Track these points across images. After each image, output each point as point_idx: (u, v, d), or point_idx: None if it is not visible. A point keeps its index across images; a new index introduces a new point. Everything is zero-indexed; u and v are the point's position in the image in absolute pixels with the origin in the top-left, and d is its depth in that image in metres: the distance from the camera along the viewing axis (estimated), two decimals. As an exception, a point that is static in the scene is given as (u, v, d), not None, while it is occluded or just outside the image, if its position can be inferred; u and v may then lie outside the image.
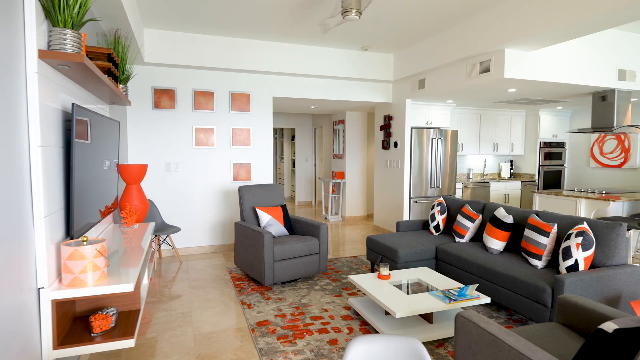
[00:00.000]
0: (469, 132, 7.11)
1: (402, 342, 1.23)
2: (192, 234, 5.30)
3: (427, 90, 5.41)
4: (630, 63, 4.85)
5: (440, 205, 4.41)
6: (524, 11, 3.69)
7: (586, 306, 1.99)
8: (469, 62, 4.61)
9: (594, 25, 3.33)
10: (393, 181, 6.28)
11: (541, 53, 4.32)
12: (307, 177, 10.02)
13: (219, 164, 5.36)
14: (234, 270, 4.51)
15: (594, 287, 2.71)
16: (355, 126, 7.71)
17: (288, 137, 11.11)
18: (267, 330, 2.99)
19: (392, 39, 5.17)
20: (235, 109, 5.37)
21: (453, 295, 2.79)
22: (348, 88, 6.01)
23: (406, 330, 2.77)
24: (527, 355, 1.50)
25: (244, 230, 4.12)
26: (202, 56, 4.94)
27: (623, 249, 2.89)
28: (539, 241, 3.14)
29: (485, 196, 6.95)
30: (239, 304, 3.55)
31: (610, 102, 4.93)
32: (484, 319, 1.78)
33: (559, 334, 1.96)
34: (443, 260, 3.82)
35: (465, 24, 4.46)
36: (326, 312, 3.33)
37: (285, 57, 5.35)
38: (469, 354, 1.80)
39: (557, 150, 7.40)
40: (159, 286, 4.05)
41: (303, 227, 4.37)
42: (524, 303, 2.92)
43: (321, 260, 4.13)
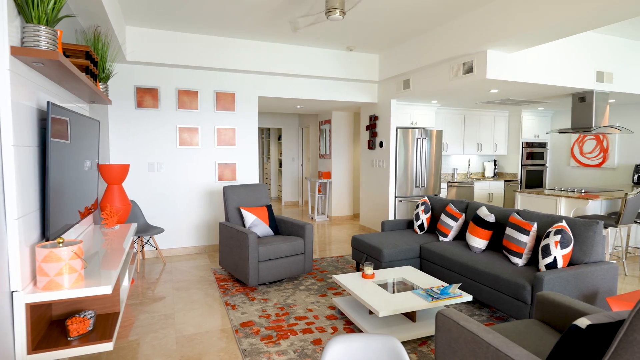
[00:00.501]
0: (453, 132, 7.19)
1: (381, 341, 1.24)
2: (176, 235, 5.24)
3: (412, 90, 5.45)
4: (607, 65, 4.97)
5: (424, 204, 4.45)
6: (505, 13, 3.75)
7: (563, 303, 2.03)
8: (453, 63, 4.66)
9: (573, 27, 3.40)
10: (379, 181, 6.31)
11: (522, 54, 4.40)
12: (294, 177, 9.99)
13: (204, 164, 5.30)
14: (219, 271, 4.47)
15: (572, 284, 2.77)
16: (341, 126, 7.73)
17: (275, 137, 11.07)
18: (251, 331, 2.97)
19: (377, 40, 5.20)
20: (220, 108, 5.32)
21: (436, 293, 2.81)
22: (334, 88, 6.02)
23: (390, 329, 2.78)
24: (504, 351, 1.52)
25: (228, 230, 4.09)
26: (186, 55, 4.88)
27: (600, 246, 2.96)
28: (519, 239, 3.20)
29: (469, 195, 7.04)
30: (223, 305, 3.51)
31: (589, 103, 5.05)
32: (464, 316, 1.80)
33: (537, 330, 2.00)
34: (427, 259, 3.86)
35: (448, 25, 4.51)
36: (311, 312, 3.33)
37: (270, 57, 5.32)
38: (449, 352, 1.82)
39: (539, 150, 7.54)
40: (142, 288, 3.98)
41: (288, 227, 4.35)
42: (505, 300, 2.97)
43: (306, 260, 4.12)
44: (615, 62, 5.04)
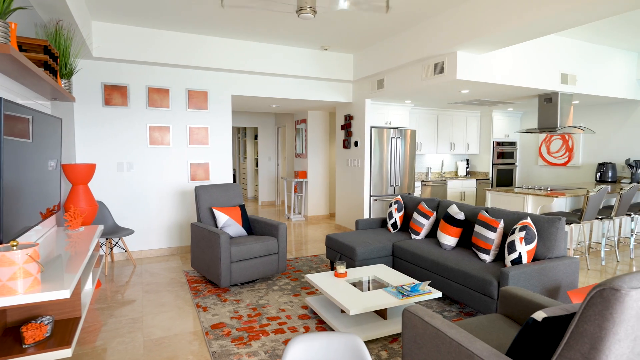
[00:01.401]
0: (427, 132, 7.31)
1: (342, 340, 1.24)
2: (147, 236, 5.10)
3: (386, 90, 5.51)
4: (571, 67, 5.16)
5: (397, 203, 4.50)
6: (474, 16, 3.84)
7: (525, 297, 2.09)
8: (424, 64, 4.74)
9: (537, 30, 3.51)
10: (354, 180, 6.34)
11: (491, 56, 4.51)
12: (271, 177, 9.93)
13: (176, 164, 5.19)
14: (191, 273, 4.39)
15: (536, 279, 2.86)
16: (317, 125, 7.73)
17: (251, 136, 10.97)
18: (222, 333, 2.92)
19: (352, 39, 5.22)
20: (192, 106, 5.22)
21: (406, 291, 2.85)
22: (309, 87, 6.01)
23: (361, 327, 2.80)
24: (466, 346, 1.55)
25: (200, 231, 4.01)
26: (157, 52, 4.77)
27: (562, 241, 3.07)
28: (487, 236, 3.28)
29: (443, 194, 7.17)
30: (194, 307, 3.45)
31: (554, 104, 5.23)
32: (429, 313, 1.83)
33: (500, 324, 2.05)
34: (399, 257, 3.90)
35: (420, 26, 4.58)
36: (283, 312, 3.31)
37: (244, 55, 5.26)
38: (415, 348, 1.84)
39: (509, 150, 7.77)
40: (110, 291, 3.86)
41: (262, 227, 4.32)
42: (473, 296, 3.04)
43: (280, 260, 4.10)
44: (578, 65, 5.24)
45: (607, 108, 6.44)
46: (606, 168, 6.19)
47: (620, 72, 5.66)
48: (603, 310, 1.19)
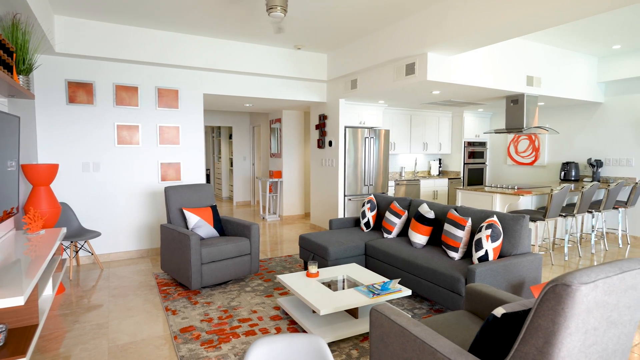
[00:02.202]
0: (400, 131, 7.41)
1: (304, 341, 1.23)
2: (116, 239, 4.95)
3: (359, 90, 5.54)
4: (536, 70, 5.35)
5: (370, 202, 4.54)
6: (443, 18, 3.92)
7: (489, 293, 2.14)
8: (396, 64, 4.80)
9: (504, 33, 3.61)
10: (328, 180, 6.36)
11: (460, 58, 4.61)
12: (246, 177, 9.83)
13: (145, 164, 5.05)
14: (161, 276, 4.28)
15: (501, 275, 2.94)
16: (292, 125, 7.70)
17: (225, 135, 10.82)
18: (191, 337, 2.86)
19: (325, 39, 5.23)
20: (162, 105, 5.10)
21: (377, 289, 2.87)
22: (282, 87, 5.98)
23: (332, 326, 2.80)
24: (430, 343, 1.58)
25: (169, 232, 3.92)
26: (124, 48, 4.62)
27: (526, 239, 3.17)
28: (455, 234, 3.35)
29: (416, 193, 7.29)
30: (163, 310, 3.37)
31: (521, 106, 5.41)
32: (396, 311, 1.85)
33: (465, 321, 2.10)
34: (372, 256, 3.94)
35: (392, 27, 4.63)
36: (255, 313, 3.28)
37: (216, 53, 5.18)
38: (382, 346, 1.86)
39: (479, 150, 7.98)
40: (74, 297, 3.72)
41: (234, 227, 4.26)
42: (442, 293, 3.10)
43: (253, 260, 4.06)
44: (543, 68, 5.44)
45: (570, 110, 6.72)
46: (570, 167, 6.45)
47: (582, 75, 5.91)
48: (555, 305, 1.24)
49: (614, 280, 1.30)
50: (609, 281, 1.29)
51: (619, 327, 1.40)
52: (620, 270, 1.33)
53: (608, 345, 1.40)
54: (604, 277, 1.28)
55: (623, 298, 1.37)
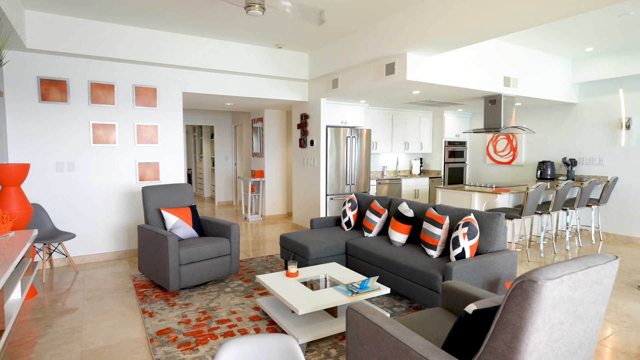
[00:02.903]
0: (382, 131, 7.46)
1: (276, 341, 1.22)
2: (92, 240, 4.82)
3: (340, 89, 5.55)
4: (513, 71, 5.47)
5: (351, 201, 4.56)
6: (421, 19, 3.96)
7: (464, 290, 2.17)
8: (377, 64, 4.82)
9: (481, 34, 3.67)
10: (310, 179, 6.35)
11: (439, 59, 4.67)
12: (228, 177, 9.73)
13: (123, 163, 4.94)
14: (138, 277, 4.20)
15: (477, 272, 2.99)
16: (274, 124, 7.66)
17: (207, 135, 10.69)
18: (168, 339, 2.81)
19: (306, 38, 5.21)
20: (140, 103, 4.99)
21: (355, 288, 2.88)
22: (264, 86, 5.94)
23: (312, 326, 2.80)
24: (403, 341, 1.59)
25: (147, 233, 3.85)
26: (100, 45, 4.51)
27: (502, 236, 3.24)
28: (434, 232, 3.39)
29: (397, 192, 7.35)
30: (140, 313, 3.30)
31: (498, 106, 5.52)
32: (371, 309, 1.86)
33: (441, 318, 2.12)
34: (352, 255, 3.95)
35: (372, 27, 4.65)
36: (234, 314, 3.24)
37: (195, 51, 5.10)
38: (357, 345, 1.86)
39: (459, 149, 8.10)
40: (47, 300, 3.61)
41: (214, 228, 4.21)
42: (420, 291, 3.13)
43: (233, 261, 4.02)
44: (520, 69, 5.56)
45: (546, 110, 6.89)
46: (546, 166, 6.62)
47: (556, 76, 6.07)
48: (522, 301, 1.26)
49: (578, 276, 1.34)
50: (574, 277, 1.32)
51: (584, 321, 1.44)
52: (585, 266, 1.37)
53: (574, 339, 1.44)
54: (569, 272, 1.31)
55: (588, 293, 1.40)
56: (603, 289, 1.47)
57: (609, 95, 6.04)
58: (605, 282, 1.46)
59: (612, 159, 6.04)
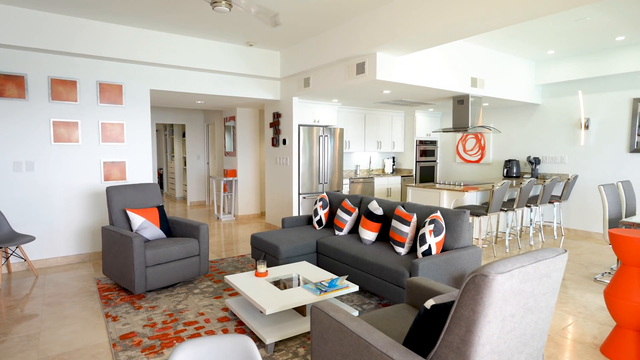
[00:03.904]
0: (354, 130, 7.51)
1: (232, 342, 1.21)
2: (53, 243, 4.63)
3: (312, 88, 5.55)
4: (480, 72, 5.62)
5: (322, 200, 4.57)
6: (391, 19, 4.00)
7: (427, 286, 2.22)
8: (347, 63, 4.85)
9: (448, 35, 3.76)
10: (283, 178, 6.33)
11: (409, 59, 4.74)
12: (200, 176, 9.56)
13: (86, 163, 4.76)
14: (103, 280, 4.06)
15: (443, 268, 3.06)
16: (246, 123, 7.58)
17: (179, 133, 10.47)
18: (132, 343, 2.74)
19: (277, 36, 5.18)
20: (104, 101, 4.82)
21: (324, 286, 2.89)
22: (234, 84, 5.86)
23: (280, 325, 2.78)
24: (364, 337, 1.61)
25: (111, 235, 3.73)
26: (61, 39, 4.32)
27: (467, 232, 3.32)
28: (402, 230, 3.44)
29: (370, 191, 7.43)
30: (103, 317, 3.19)
31: (466, 106, 5.66)
32: (334, 307, 1.87)
33: (405, 314, 2.16)
34: (323, 253, 3.96)
35: (343, 26, 4.67)
36: (202, 315, 3.19)
37: (163, 47, 4.98)
38: (322, 343, 1.87)
39: (430, 148, 8.27)
40: (3, 307, 3.44)
41: (182, 228, 4.13)
42: (388, 288, 3.17)
43: (202, 262, 3.95)
44: (486, 70, 5.72)
45: (511, 110, 7.12)
46: (512, 164, 6.85)
47: (521, 78, 6.29)
48: (475, 295, 1.30)
49: (528, 270, 1.39)
50: (524, 270, 1.37)
51: (535, 313, 1.50)
52: (534, 260, 1.42)
53: (526, 330, 1.49)
54: (520, 266, 1.36)
55: (538, 286, 1.46)
56: (553, 282, 1.53)
57: (569, 97, 6.31)
58: (554, 275, 1.52)
59: (572, 157, 6.31)
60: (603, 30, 4.80)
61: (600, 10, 4.15)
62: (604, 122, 5.91)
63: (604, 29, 4.75)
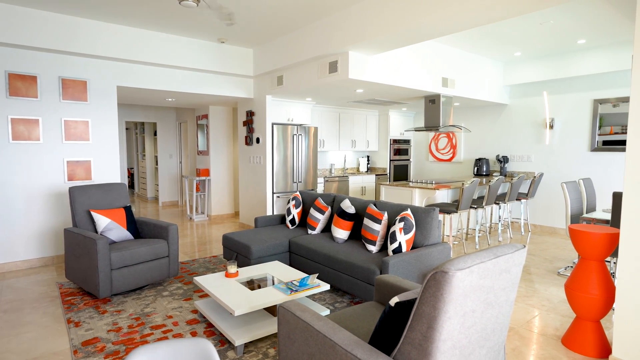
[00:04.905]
0: (329, 129, 7.52)
1: (190, 345, 1.17)
2: (12, 247, 4.40)
3: (286, 87, 5.51)
4: (450, 73, 5.73)
5: (295, 199, 4.54)
6: (363, 18, 4.02)
7: (395, 284, 2.24)
8: (320, 62, 4.84)
9: (419, 35, 3.80)
10: (256, 177, 6.26)
11: (381, 58, 4.78)
12: (172, 176, 9.34)
13: (48, 162, 4.56)
14: (66, 285, 3.90)
15: (413, 265, 3.10)
16: (219, 121, 7.46)
17: (150, 132, 10.19)
18: (95, 349, 2.63)
19: (250, 34, 5.11)
20: (67, 97, 4.63)
21: (295, 286, 2.87)
22: (206, 81, 5.75)
23: (250, 326, 2.75)
24: (330, 337, 1.60)
25: (74, 237, 3.58)
26: (19, 32, 4.11)
27: (436, 230, 3.38)
28: (373, 228, 3.46)
29: (345, 189, 7.46)
30: (65, 323, 3.06)
31: (437, 105, 5.77)
32: (301, 307, 1.85)
33: (373, 312, 2.17)
34: (295, 252, 3.94)
35: (316, 25, 4.66)
36: (171, 318, 3.11)
37: (131, 42, 4.82)
38: (289, 343, 1.85)
39: (404, 147, 8.38)
40: (-45, 315, 3.24)
41: (151, 229, 4.01)
42: (360, 286, 3.18)
43: (171, 263, 3.85)
44: (457, 71, 5.84)
45: (481, 110, 7.31)
46: (482, 163, 7.03)
47: (490, 78, 6.45)
48: (436, 291, 1.31)
49: (488, 265, 1.41)
50: (484, 266, 1.39)
51: (495, 307, 1.53)
52: (494, 256, 1.45)
53: (487, 325, 1.52)
54: (479, 262, 1.38)
55: (498, 281, 1.49)
56: (512, 277, 1.57)
57: (535, 97, 6.53)
58: (514, 270, 1.56)
59: (538, 156, 6.54)
60: (566, 34, 4.98)
61: (563, 15, 4.30)
62: (567, 122, 6.15)
63: (567, 33, 4.94)
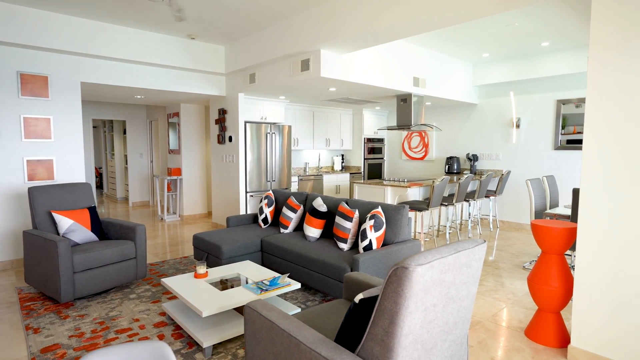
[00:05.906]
0: (303, 127, 7.51)
1: (146, 349, 1.13)
2: (-33, 251, 4.17)
3: (258, 84, 5.46)
4: (421, 72, 5.83)
5: (267, 198, 4.51)
6: (334, 16, 4.02)
7: (363, 281, 2.25)
8: (292, 60, 4.82)
9: (389, 34, 3.84)
10: (229, 176, 6.17)
11: (353, 57, 4.80)
12: (143, 175, 9.09)
13: (6, 161, 4.34)
14: (25, 290, 3.72)
15: (383, 262, 3.13)
16: (191, 119, 7.31)
17: (119, 130, 9.87)
18: (54, 356, 2.52)
19: (221, 30, 5.03)
20: (27, 93, 4.42)
21: (265, 285, 2.85)
22: (177, 78, 5.61)
23: (219, 327, 2.70)
24: (295, 335, 1.59)
25: (33, 239, 3.42)
26: (-29, 24, 3.89)
27: (406, 227, 3.43)
28: (345, 226, 3.48)
29: (320, 188, 7.46)
30: (23, 330, 2.92)
31: (409, 104, 5.85)
32: (267, 306, 1.83)
33: (341, 309, 2.17)
34: (267, 252, 3.91)
35: (288, 22, 4.63)
36: (137, 322, 3.02)
37: (95, 37, 4.64)
38: (255, 343, 1.83)
39: (378, 146, 8.46)
40: None
41: (117, 230, 3.88)
42: (331, 284, 3.19)
43: (139, 265, 3.74)
44: (428, 71, 5.95)
45: (452, 109, 7.47)
46: (453, 161, 7.19)
47: (460, 78, 6.61)
48: (397, 287, 1.32)
49: (448, 260, 1.44)
50: (444, 261, 1.42)
51: (457, 301, 1.56)
52: (455, 251, 1.48)
53: (449, 318, 1.55)
54: (440, 257, 1.40)
55: (459, 275, 1.52)
56: (473, 271, 1.60)
57: (503, 98, 6.73)
58: (474, 264, 1.60)
59: (506, 154, 6.75)
60: (530, 36, 5.16)
61: (527, 17, 4.45)
62: (533, 121, 6.37)
63: (531, 35, 5.11)
